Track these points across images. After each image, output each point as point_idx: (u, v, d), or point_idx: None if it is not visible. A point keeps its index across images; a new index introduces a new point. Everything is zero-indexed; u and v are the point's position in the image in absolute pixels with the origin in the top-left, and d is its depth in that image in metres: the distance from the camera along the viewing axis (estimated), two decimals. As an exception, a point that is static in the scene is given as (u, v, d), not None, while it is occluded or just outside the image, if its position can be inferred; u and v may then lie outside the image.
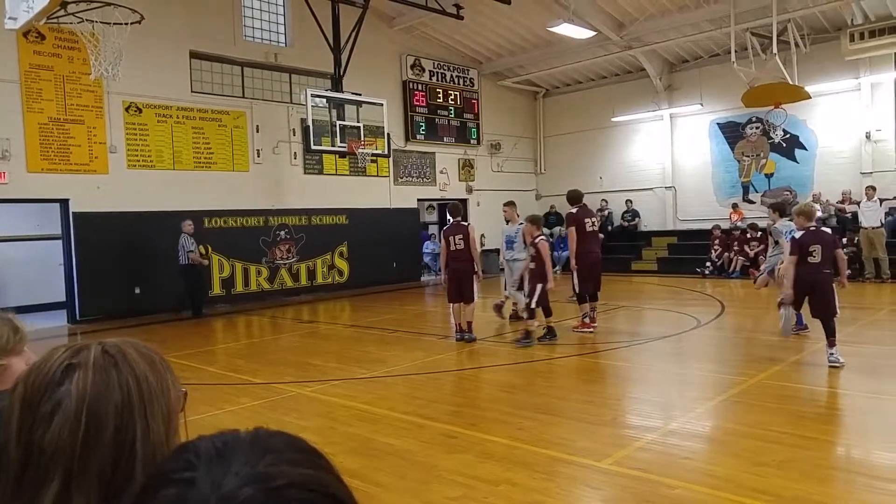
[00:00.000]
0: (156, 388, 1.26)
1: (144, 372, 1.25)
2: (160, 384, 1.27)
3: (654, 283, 19.55)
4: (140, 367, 1.25)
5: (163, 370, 1.30)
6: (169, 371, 1.32)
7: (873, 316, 12.89)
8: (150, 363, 1.28)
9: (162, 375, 1.29)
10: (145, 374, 1.25)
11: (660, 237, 23.90)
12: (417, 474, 5.45)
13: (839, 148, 20.66)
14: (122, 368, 1.24)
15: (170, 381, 1.30)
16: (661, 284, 19.16)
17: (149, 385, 1.25)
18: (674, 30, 20.92)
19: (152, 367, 1.28)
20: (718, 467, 5.37)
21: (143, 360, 1.27)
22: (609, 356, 10.12)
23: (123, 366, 1.24)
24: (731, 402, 7.20)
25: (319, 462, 0.90)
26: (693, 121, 23.52)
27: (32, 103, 15.14)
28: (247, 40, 19.01)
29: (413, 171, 23.21)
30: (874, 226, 17.67)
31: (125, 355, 1.26)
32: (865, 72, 19.88)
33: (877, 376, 8.20)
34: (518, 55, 24.18)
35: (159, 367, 1.30)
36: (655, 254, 23.20)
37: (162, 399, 1.26)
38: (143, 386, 1.24)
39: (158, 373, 1.28)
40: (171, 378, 1.31)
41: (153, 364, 1.29)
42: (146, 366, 1.27)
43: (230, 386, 8.94)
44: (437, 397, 7.95)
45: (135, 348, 1.30)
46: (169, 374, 1.31)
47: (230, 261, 18.17)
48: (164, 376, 1.29)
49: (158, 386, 1.26)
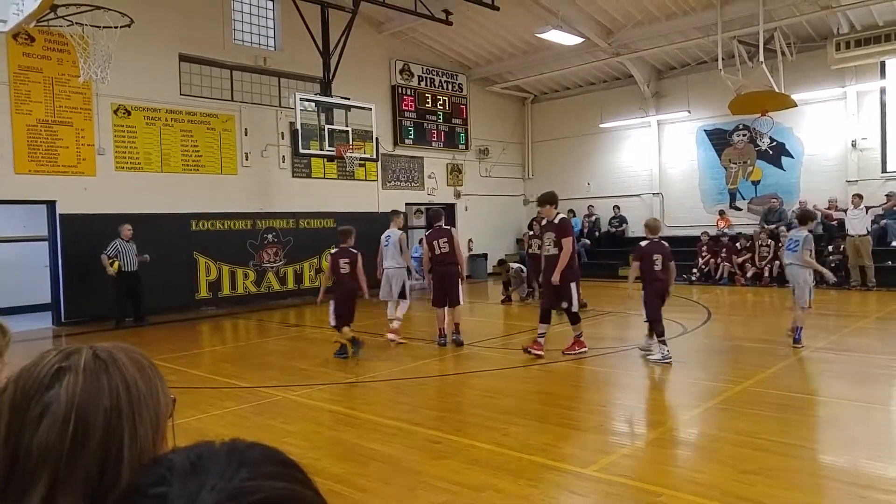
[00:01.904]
0: (145, 394, 1.25)
1: (134, 377, 1.25)
2: (149, 389, 1.27)
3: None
4: (130, 373, 1.25)
5: (152, 376, 1.30)
6: (158, 377, 1.31)
7: (858, 324, 12.95)
8: (140, 368, 1.28)
9: (151, 381, 1.29)
10: (135, 380, 1.25)
11: (647, 243, 23.93)
12: (402, 480, 5.45)
13: (825, 156, 20.77)
14: (113, 373, 1.23)
15: (159, 387, 1.30)
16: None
17: (138, 391, 1.24)
18: (661, 37, 21.02)
19: (142, 372, 1.28)
20: (704, 474, 5.38)
21: (133, 366, 1.27)
22: (595, 362, 10.13)
23: (114, 371, 1.24)
24: (716, 409, 7.23)
25: (297, 475, 0.90)
26: (680, 127, 23.61)
27: (21, 104, 15.08)
28: (236, 44, 18.99)
29: (401, 175, 23.22)
30: (861, 234, 17.73)
31: (116, 360, 1.26)
32: (851, 80, 20.01)
33: (863, 384, 8.24)
34: (506, 61, 24.24)
35: (149, 372, 1.29)
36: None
37: (151, 404, 1.26)
38: (133, 391, 1.24)
39: (148, 378, 1.28)
40: (161, 384, 1.31)
41: (143, 369, 1.28)
42: (136, 371, 1.27)
43: (215, 389, 8.90)
44: (423, 402, 7.96)
45: (126, 353, 1.29)
46: (158, 379, 1.31)
47: (217, 264, 18.12)
48: (154, 382, 1.29)
49: (147, 391, 1.26)
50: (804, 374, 8.97)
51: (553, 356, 10.38)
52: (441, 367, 10.16)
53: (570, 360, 10.25)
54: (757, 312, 15.37)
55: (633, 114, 24.12)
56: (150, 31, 16.37)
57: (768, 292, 18.22)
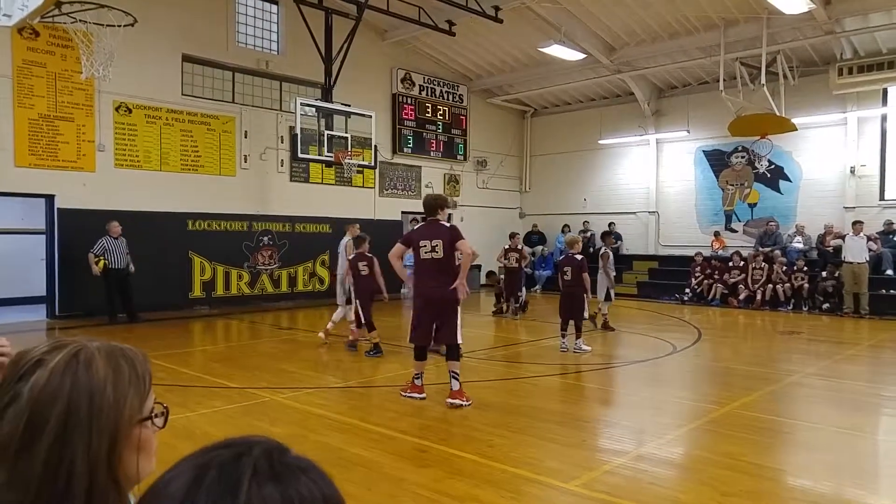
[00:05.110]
0: (110, 403, 1.23)
1: (102, 385, 1.23)
2: (116, 398, 1.24)
3: (633, 307, 19.61)
4: (98, 379, 1.23)
5: (125, 385, 1.26)
6: (137, 386, 1.29)
7: (849, 350, 12.96)
8: (116, 374, 1.26)
9: (122, 390, 1.26)
10: (102, 388, 1.23)
11: (641, 261, 24.01)
12: (385, 487, 5.46)
13: (823, 181, 20.82)
14: (80, 377, 1.22)
15: (128, 397, 1.26)
16: (639, 309, 19.25)
17: (102, 399, 1.22)
18: (664, 56, 21.11)
19: (118, 379, 1.26)
20: (686, 495, 5.39)
21: (110, 371, 1.25)
22: (583, 378, 10.16)
23: (82, 374, 1.22)
24: (702, 430, 7.24)
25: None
26: (679, 147, 23.68)
27: (24, 98, 15.15)
28: (239, 46, 19.06)
29: (399, 183, 23.27)
30: (859, 261, 17.61)
31: (90, 364, 1.24)
32: (853, 106, 20.06)
33: (851, 411, 8.24)
34: (508, 74, 24.35)
35: (124, 380, 1.27)
36: (636, 278, 23.28)
37: (112, 414, 1.23)
38: (96, 400, 1.22)
39: (119, 387, 1.25)
40: (136, 394, 1.28)
41: (119, 376, 1.26)
42: (111, 378, 1.25)
43: (204, 388, 8.92)
44: (410, 410, 7.96)
45: (110, 355, 1.28)
46: (132, 389, 1.28)
47: (212, 264, 18.16)
48: (125, 391, 1.26)
49: (114, 400, 1.24)
50: (792, 398, 8.99)
51: (540, 370, 10.41)
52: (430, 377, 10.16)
53: (560, 376, 10.29)
54: (748, 335, 15.39)
55: (633, 131, 24.21)
56: (154, 30, 16.46)
57: (760, 315, 18.25)
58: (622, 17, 19.58)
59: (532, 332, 15.27)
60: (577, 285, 11.89)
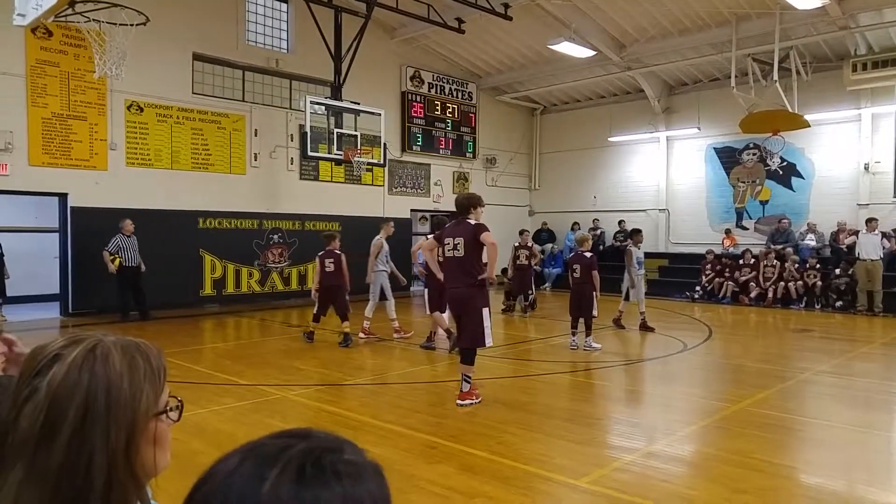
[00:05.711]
0: (127, 397, 1.24)
1: (119, 380, 1.24)
2: (132, 392, 1.25)
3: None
4: (115, 373, 1.24)
5: (140, 380, 1.27)
6: (152, 381, 1.30)
7: (862, 348, 12.90)
8: (132, 368, 1.27)
9: (138, 385, 1.27)
10: (119, 382, 1.24)
11: (651, 259, 23.87)
12: (395, 483, 5.40)
13: (837, 178, 20.67)
14: (97, 371, 1.23)
15: (144, 391, 1.27)
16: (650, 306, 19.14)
17: (120, 393, 1.23)
18: (674, 52, 21.02)
19: (134, 373, 1.26)
20: (696, 492, 5.38)
21: (126, 365, 1.26)
22: (593, 376, 10.14)
23: (99, 368, 1.23)
24: (712, 428, 7.22)
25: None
26: (690, 144, 23.60)
27: (37, 98, 15.23)
28: (249, 45, 19.10)
29: (408, 181, 23.27)
30: (873, 258, 17.49)
31: (107, 358, 1.25)
32: (867, 102, 19.91)
33: (864, 409, 8.21)
34: (517, 71, 24.29)
35: (140, 374, 1.28)
36: (646, 275, 23.17)
37: (129, 408, 1.24)
38: (113, 393, 1.23)
39: (135, 381, 1.26)
40: (151, 388, 1.29)
41: (136, 370, 1.27)
42: (127, 372, 1.25)
43: (216, 385, 8.96)
44: (421, 407, 7.97)
45: (126, 350, 1.29)
46: (147, 384, 1.28)
47: (222, 262, 18.21)
48: (141, 385, 1.27)
49: (130, 394, 1.25)
50: (804, 396, 8.96)
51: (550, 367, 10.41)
52: (441, 373, 10.18)
53: (570, 373, 10.28)
54: (759, 333, 15.34)
55: (643, 128, 24.12)
56: (165, 29, 16.49)
57: (772, 313, 18.18)
58: (632, 13, 19.49)
59: (542, 329, 15.27)
60: (587, 283, 11.95)
